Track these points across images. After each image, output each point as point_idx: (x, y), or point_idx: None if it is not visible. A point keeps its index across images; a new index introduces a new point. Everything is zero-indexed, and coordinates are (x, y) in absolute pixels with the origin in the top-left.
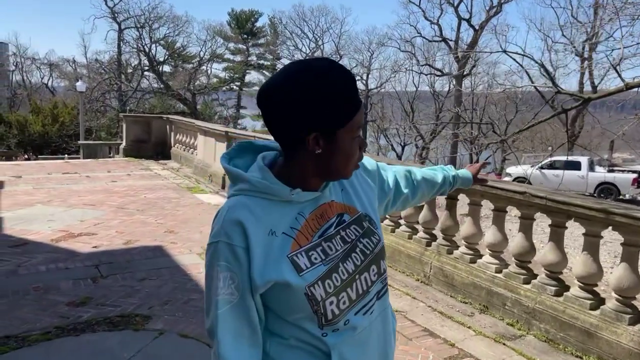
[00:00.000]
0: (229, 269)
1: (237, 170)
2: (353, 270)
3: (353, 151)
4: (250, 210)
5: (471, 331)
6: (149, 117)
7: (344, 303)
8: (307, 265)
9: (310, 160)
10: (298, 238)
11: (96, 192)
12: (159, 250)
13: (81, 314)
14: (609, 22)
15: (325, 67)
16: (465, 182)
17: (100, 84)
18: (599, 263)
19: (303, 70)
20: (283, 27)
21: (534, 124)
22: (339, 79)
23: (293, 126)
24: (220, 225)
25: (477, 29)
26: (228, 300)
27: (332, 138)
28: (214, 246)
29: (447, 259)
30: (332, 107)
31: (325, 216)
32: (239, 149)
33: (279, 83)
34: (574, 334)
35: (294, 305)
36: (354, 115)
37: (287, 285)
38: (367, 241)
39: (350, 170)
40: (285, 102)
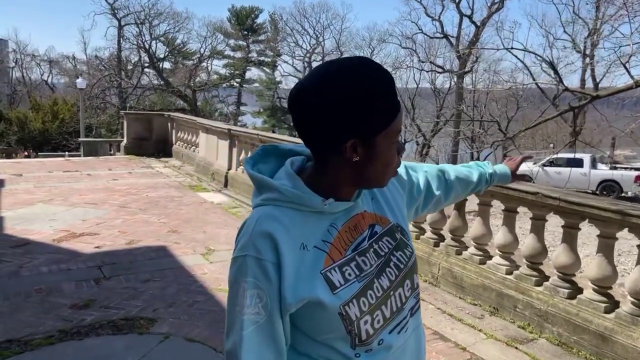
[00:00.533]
0: (257, 286)
1: (264, 177)
2: (388, 287)
3: (392, 158)
4: (281, 222)
5: (482, 334)
6: (150, 114)
7: (378, 322)
8: (341, 282)
9: (346, 169)
10: (331, 252)
11: (98, 191)
12: (162, 250)
13: (84, 317)
14: (612, 19)
15: (364, 68)
16: (503, 179)
17: (100, 80)
18: (613, 265)
19: (341, 71)
20: (283, 24)
21: (541, 122)
22: (379, 81)
23: (329, 132)
24: (249, 238)
25: (479, 25)
26: (254, 320)
27: (370, 144)
28: (241, 260)
29: (456, 260)
30: (373, 111)
31: (359, 228)
32: (263, 153)
33: (316, 85)
34: (588, 337)
35: (327, 325)
36: (394, 119)
37: (320, 304)
38: (400, 254)
39: (388, 178)
40: (322, 106)
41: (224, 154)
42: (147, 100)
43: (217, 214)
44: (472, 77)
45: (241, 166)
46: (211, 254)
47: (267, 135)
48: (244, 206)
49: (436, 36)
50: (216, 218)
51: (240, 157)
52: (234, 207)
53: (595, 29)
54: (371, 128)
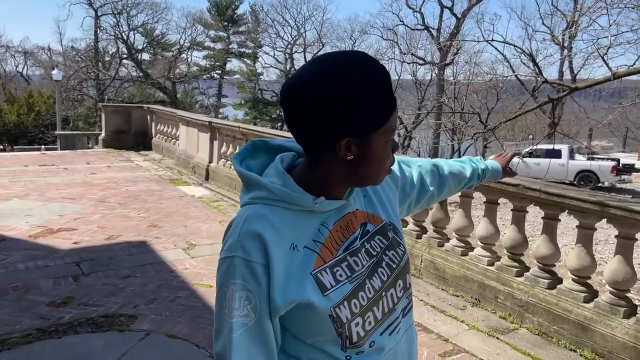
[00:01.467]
0: (246, 288)
1: (254, 175)
2: (380, 287)
3: (387, 157)
4: (270, 222)
5: (465, 325)
6: (129, 107)
7: (369, 324)
8: (332, 284)
9: (339, 167)
10: (322, 252)
11: (75, 185)
12: (143, 245)
13: (63, 314)
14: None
15: (362, 64)
16: (495, 174)
17: (77, 72)
18: (592, 256)
19: (336, 66)
20: (264, 15)
21: (521, 114)
22: (377, 79)
23: (323, 130)
24: (237, 239)
25: (460, 17)
26: (243, 323)
27: (365, 143)
28: (229, 261)
29: (438, 252)
30: (369, 109)
31: (351, 227)
32: (252, 148)
33: (309, 81)
34: (568, 327)
35: (317, 328)
36: (390, 118)
37: (311, 306)
38: (393, 254)
39: (382, 177)
40: (315, 103)
41: (205, 147)
42: (126, 93)
43: (198, 208)
44: (453, 69)
45: (222, 159)
46: (193, 248)
47: (249, 128)
48: (225, 200)
49: (417, 28)
50: (198, 212)
51: (222, 150)
52: (215, 200)
53: (574, 21)
54: (367, 126)
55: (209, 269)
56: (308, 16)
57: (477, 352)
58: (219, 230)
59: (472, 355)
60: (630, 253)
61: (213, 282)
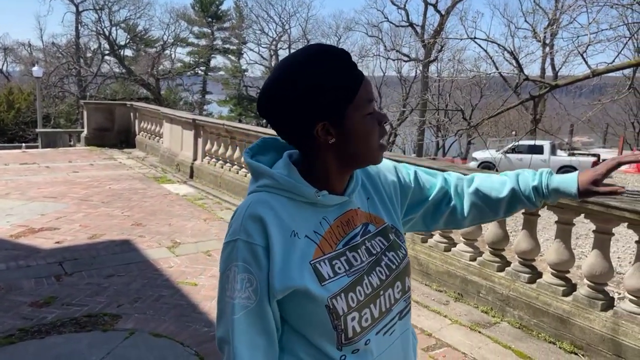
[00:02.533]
0: (247, 270)
1: (262, 165)
2: (378, 285)
3: (370, 129)
4: (272, 207)
5: (447, 320)
6: (112, 104)
7: (366, 320)
8: (330, 274)
9: (328, 153)
10: (321, 244)
11: (57, 184)
12: (126, 244)
13: (45, 314)
14: (570, 9)
15: (311, 52)
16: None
17: (58, 68)
18: (571, 250)
19: (290, 61)
20: (249, 11)
21: (503, 110)
22: (327, 59)
23: (296, 121)
24: (240, 223)
25: (443, 14)
26: (244, 305)
27: (341, 122)
28: (232, 245)
29: (421, 248)
30: (329, 90)
31: (351, 223)
32: (263, 145)
33: (271, 81)
34: (548, 320)
35: (313, 318)
36: (356, 91)
37: (308, 293)
38: (393, 255)
39: (375, 152)
40: (280, 98)
41: (189, 145)
42: (108, 89)
43: (182, 206)
44: (437, 66)
45: (207, 157)
46: (177, 247)
47: (233, 125)
48: (210, 197)
49: (402, 25)
50: (182, 210)
51: (206, 148)
52: (200, 198)
53: (555, 18)
54: (334, 106)
55: (193, 267)
56: (292, 12)
57: (460, 346)
58: (203, 228)
59: (455, 349)
60: (607, 247)
61: (198, 280)
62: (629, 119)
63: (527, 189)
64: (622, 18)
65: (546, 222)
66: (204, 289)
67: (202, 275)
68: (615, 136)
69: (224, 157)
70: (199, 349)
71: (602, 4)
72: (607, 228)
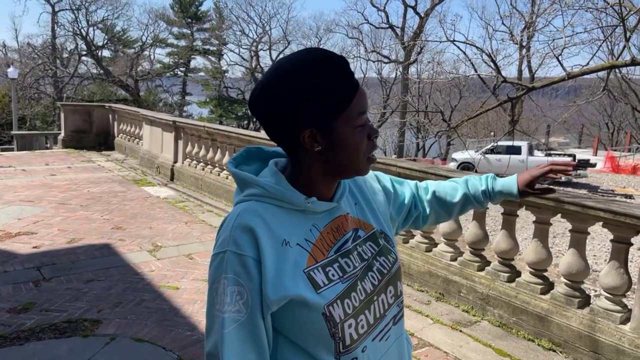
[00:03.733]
0: (238, 282)
1: (249, 174)
2: (372, 291)
3: (357, 142)
4: (262, 216)
5: (429, 319)
6: (90, 105)
7: (362, 327)
8: (324, 282)
9: (314, 160)
10: (313, 252)
11: (34, 187)
12: (106, 248)
13: (24, 321)
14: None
15: (309, 56)
16: (507, 195)
17: (34, 69)
18: (548, 249)
19: (285, 64)
20: (229, 12)
21: (482, 112)
22: (323, 66)
23: (284, 125)
24: (229, 233)
25: (423, 16)
26: (235, 318)
27: (329, 131)
28: (221, 256)
29: (403, 249)
30: (320, 97)
31: (341, 230)
32: (246, 155)
33: (263, 83)
34: (527, 318)
35: (310, 328)
36: (349, 102)
37: (304, 303)
38: (383, 260)
39: (362, 164)
40: (270, 101)
41: (170, 147)
42: (85, 90)
43: (163, 209)
44: (417, 68)
45: (187, 159)
46: (158, 250)
47: (214, 127)
48: (191, 200)
49: (382, 26)
50: (163, 213)
51: (187, 150)
52: (181, 201)
53: (531, 22)
54: (324, 115)
55: (175, 270)
56: (273, 13)
57: (441, 345)
58: (184, 231)
59: (437, 348)
60: (583, 246)
61: (180, 283)
62: (603, 120)
63: (476, 193)
64: (597, 21)
65: (524, 222)
66: (186, 293)
67: (184, 278)
68: (590, 136)
69: (205, 160)
70: (181, 353)
71: (577, 7)
72: (583, 227)
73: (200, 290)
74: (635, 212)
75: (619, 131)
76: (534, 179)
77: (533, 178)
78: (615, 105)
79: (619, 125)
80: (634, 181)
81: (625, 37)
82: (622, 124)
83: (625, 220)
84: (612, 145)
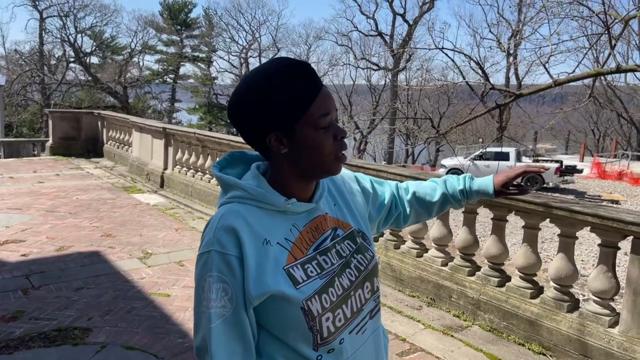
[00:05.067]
0: (222, 279)
1: (231, 177)
2: (348, 286)
3: (321, 143)
4: (244, 217)
5: (420, 325)
6: (78, 112)
7: (339, 320)
8: (303, 278)
9: (284, 162)
10: (293, 250)
11: (22, 195)
12: (95, 256)
13: (13, 329)
14: (532, 20)
15: (272, 64)
16: (483, 194)
17: (21, 76)
18: (537, 253)
19: (250, 75)
20: (218, 19)
21: (470, 119)
22: (282, 75)
23: (253, 131)
24: (213, 234)
25: (411, 24)
26: (220, 313)
27: (292, 134)
28: (206, 256)
29: (394, 254)
30: (279, 104)
31: (320, 229)
32: (230, 159)
33: (233, 93)
34: (517, 322)
35: (289, 321)
36: (308, 107)
37: (283, 297)
38: (361, 257)
39: (328, 164)
40: (239, 109)
41: (159, 154)
42: (73, 97)
43: (153, 216)
44: (406, 75)
45: (177, 165)
46: (149, 257)
47: (204, 134)
48: (181, 207)
49: (371, 34)
50: (153, 220)
51: (177, 157)
52: (171, 208)
53: (518, 30)
54: (285, 119)
55: (166, 277)
56: (262, 21)
57: (433, 350)
58: (175, 238)
59: (428, 353)
60: (571, 250)
61: (170, 291)
62: (589, 126)
63: (454, 192)
64: (582, 30)
65: (513, 227)
66: (177, 300)
67: (175, 285)
68: (577, 142)
69: (195, 166)
70: None
71: (563, 16)
72: (571, 232)
73: (192, 298)
74: (622, 217)
75: (604, 137)
76: (509, 180)
77: (508, 179)
78: (601, 112)
79: (604, 131)
80: (619, 187)
81: (611, 45)
82: (607, 131)
83: (612, 225)
84: (598, 152)
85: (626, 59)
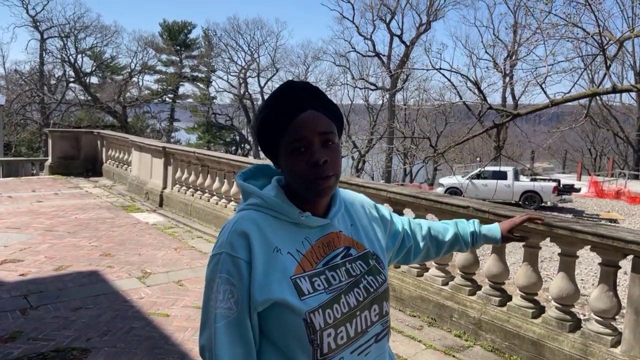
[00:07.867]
0: (230, 282)
1: (252, 186)
2: (355, 305)
3: (294, 167)
4: (258, 224)
5: (422, 345)
6: (78, 132)
7: (341, 338)
8: (309, 290)
9: (287, 178)
10: (302, 262)
11: (20, 214)
12: (94, 275)
13: (11, 350)
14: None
15: (273, 91)
16: (490, 240)
17: (21, 95)
18: (538, 273)
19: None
20: (217, 40)
21: (468, 138)
22: (273, 101)
23: (262, 148)
24: (226, 237)
25: (408, 44)
26: (225, 314)
27: (280, 156)
28: (217, 257)
29: (394, 273)
30: (268, 128)
31: (331, 245)
32: (255, 170)
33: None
34: (519, 342)
35: (291, 332)
36: (284, 131)
37: (287, 306)
38: (372, 279)
39: (306, 186)
40: (254, 130)
41: (159, 173)
42: (72, 117)
43: (152, 235)
44: (403, 95)
45: (177, 185)
46: (148, 277)
47: (204, 153)
48: (180, 226)
49: (368, 55)
50: (152, 239)
51: (177, 176)
52: (170, 227)
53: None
54: (272, 142)
55: (165, 297)
56: (261, 41)
57: None
58: (174, 257)
59: None
60: (572, 269)
61: (170, 310)
62: (585, 146)
63: (465, 234)
64: (577, 50)
65: (512, 246)
66: (176, 320)
67: (174, 305)
68: (574, 162)
69: (194, 185)
70: None
71: (558, 37)
72: (572, 251)
73: (191, 318)
74: (623, 236)
75: (601, 156)
76: (514, 226)
77: (514, 225)
78: (597, 131)
79: (601, 150)
80: (617, 205)
81: (606, 66)
82: (604, 150)
83: (613, 244)
84: (595, 171)
85: (621, 79)
